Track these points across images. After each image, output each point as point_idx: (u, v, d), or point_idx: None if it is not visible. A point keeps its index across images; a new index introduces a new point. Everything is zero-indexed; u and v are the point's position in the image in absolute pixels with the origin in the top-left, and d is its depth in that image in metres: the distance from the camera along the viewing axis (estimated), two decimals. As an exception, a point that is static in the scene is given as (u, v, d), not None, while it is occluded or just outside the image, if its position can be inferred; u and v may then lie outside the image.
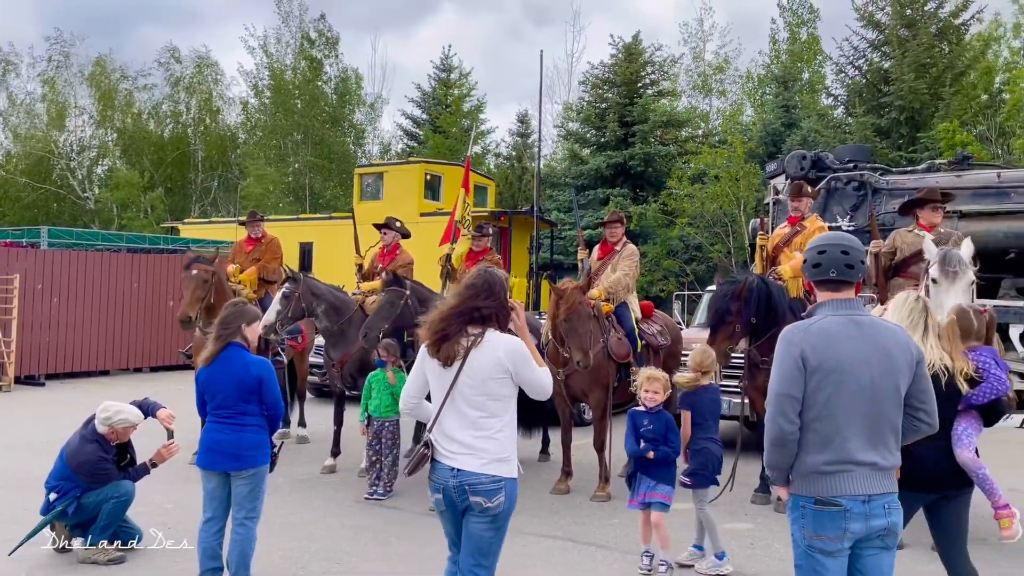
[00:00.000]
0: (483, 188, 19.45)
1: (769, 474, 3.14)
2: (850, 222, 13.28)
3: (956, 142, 18.89)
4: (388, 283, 7.26)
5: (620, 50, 25.43)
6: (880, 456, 2.95)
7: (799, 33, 32.53)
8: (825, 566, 2.94)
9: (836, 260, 3.08)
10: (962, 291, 5.18)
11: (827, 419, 2.93)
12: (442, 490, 3.43)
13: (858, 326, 3.01)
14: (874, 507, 2.92)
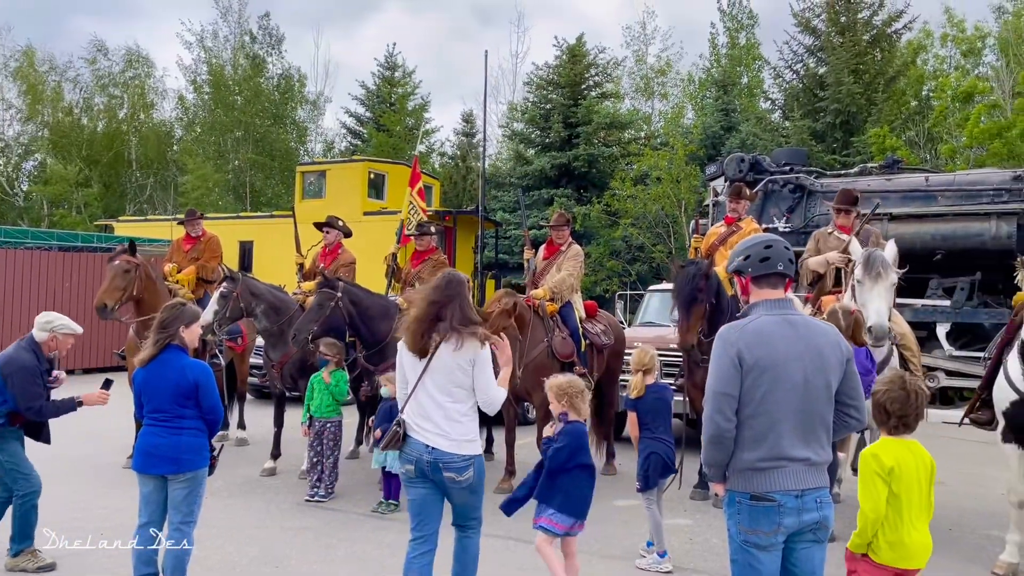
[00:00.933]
0: (428, 187, 19.29)
1: (706, 471, 3.21)
2: (786, 223, 13.60)
3: (887, 146, 19.55)
4: (321, 284, 7.15)
5: (564, 52, 25.61)
6: (813, 452, 3.03)
7: (738, 38, 33.21)
8: (759, 560, 3.01)
9: (782, 255, 3.18)
10: (884, 291, 5.33)
11: (762, 416, 3.00)
12: (415, 462, 3.94)
13: (791, 325, 3.09)
14: (807, 501, 3.00)
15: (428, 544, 4.02)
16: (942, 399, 12.13)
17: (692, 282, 6.40)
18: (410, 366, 4.07)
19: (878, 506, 3.23)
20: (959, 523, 6.50)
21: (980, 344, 11.99)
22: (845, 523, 6.09)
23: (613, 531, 6.07)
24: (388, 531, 6.05)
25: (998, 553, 5.40)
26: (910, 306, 11.92)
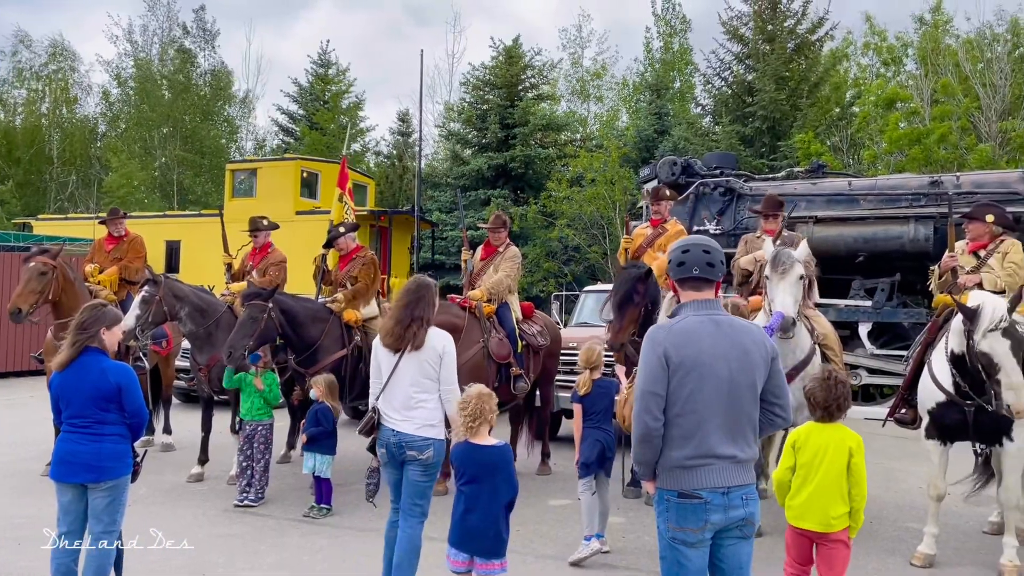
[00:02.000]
0: (362, 187, 19.15)
1: (637, 469, 3.24)
2: (717, 226, 13.90)
3: (812, 151, 20.13)
4: (248, 296, 6.89)
5: (501, 53, 25.65)
6: (739, 449, 3.09)
7: (672, 43, 33.78)
8: (687, 556, 3.06)
9: (699, 259, 3.21)
10: (790, 285, 5.52)
11: (689, 414, 3.05)
12: (385, 445, 4.52)
13: (717, 325, 3.15)
14: (733, 498, 3.06)
15: None
16: (864, 396, 12.57)
17: (630, 284, 6.48)
18: (384, 360, 4.59)
19: (782, 476, 4.11)
20: (879, 516, 6.72)
21: (899, 343, 12.47)
22: (773, 517, 6.27)
23: (547, 531, 6.10)
24: (319, 536, 5.96)
25: (915, 545, 5.60)
26: (834, 306, 12.31)
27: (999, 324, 4.80)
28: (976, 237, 6.06)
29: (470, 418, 4.02)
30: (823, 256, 9.19)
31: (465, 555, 3.98)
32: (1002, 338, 4.79)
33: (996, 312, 4.85)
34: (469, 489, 3.98)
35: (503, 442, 4.14)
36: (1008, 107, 22.28)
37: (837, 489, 3.93)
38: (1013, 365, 4.78)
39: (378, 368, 4.65)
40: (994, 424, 5.27)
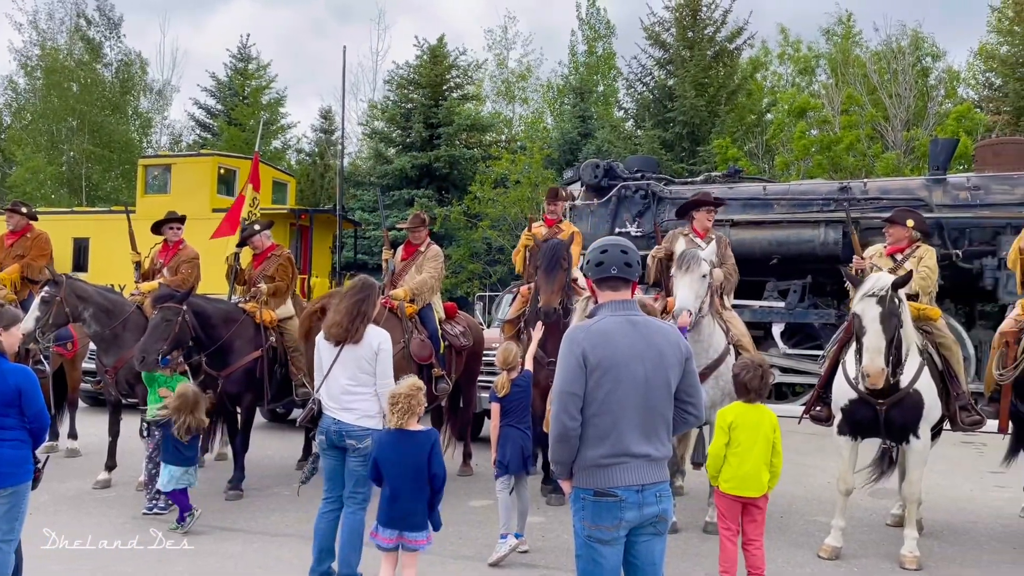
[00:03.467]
0: (283, 185, 18.75)
1: (554, 469, 3.26)
2: (638, 228, 14.16)
3: (729, 157, 20.69)
4: (161, 298, 6.64)
5: (425, 52, 25.51)
6: (653, 447, 3.14)
7: (596, 47, 34.19)
8: (602, 554, 3.09)
9: (617, 259, 3.25)
10: (693, 282, 5.68)
11: (606, 414, 3.08)
12: (325, 433, 4.81)
13: (633, 325, 3.19)
14: (647, 496, 3.10)
15: (336, 504, 4.84)
16: (777, 395, 13.01)
17: (556, 251, 6.61)
18: (326, 353, 4.90)
19: (718, 451, 4.78)
20: (789, 511, 6.93)
21: (810, 342, 12.94)
22: (689, 514, 6.41)
23: (467, 531, 6.07)
24: (233, 542, 5.79)
25: (824, 537, 5.79)
26: (749, 307, 12.70)
27: (876, 291, 5.09)
28: (896, 241, 6.32)
29: (401, 410, 4.35)
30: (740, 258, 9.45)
31: (393, 531, 4.31)
32: (875, 304, 5.08)
33: (878, 282, 5.15)
34: (397, 472, 4.32)
35: (429, 427, 4.60)
36: (912, 117, 23.36)
37: (764, 460, 4.73)
38: (877, 330, 5.05)
39: (320, 361, 4.95)
40: (902, 421, 5.50)
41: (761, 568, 4.74)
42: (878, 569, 5.45)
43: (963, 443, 9.96)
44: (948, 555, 5.78)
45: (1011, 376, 5.85)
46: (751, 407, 4.85)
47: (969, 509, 7.13)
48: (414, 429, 4.42)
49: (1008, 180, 12.23)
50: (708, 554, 5.28)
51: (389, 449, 4.38)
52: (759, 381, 4.87)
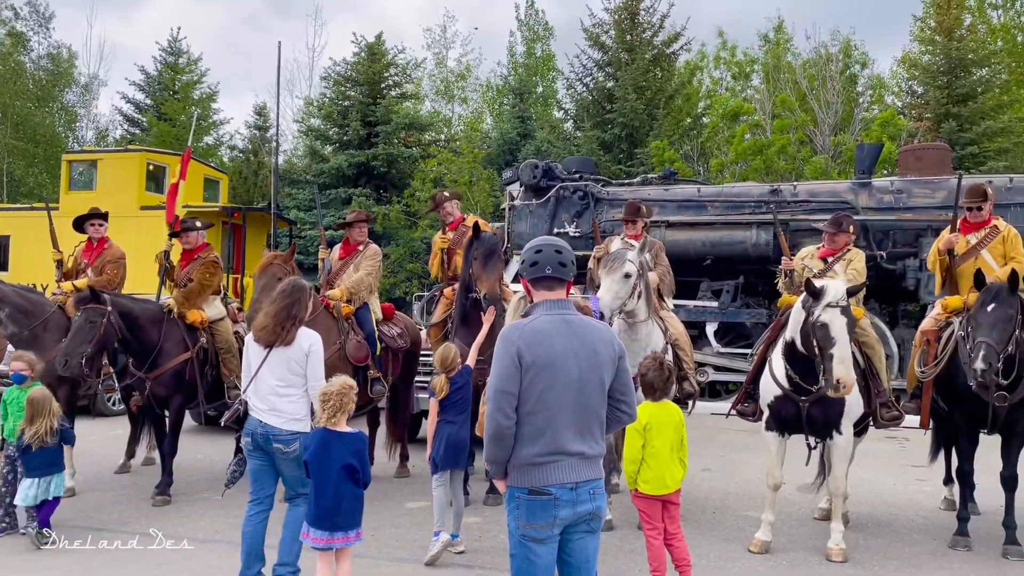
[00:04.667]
0: (215, 182, 18.29)
1: (489, 467, 3.26)
2: (576, 228, 14.27)
3: (665, 159, 21.02)
4: (84, 299, 6.40)
5: (363, 49, 25.21)
6: (587, 446, 3.16)
7: (535, 48, 34.34)
8: (536, 553, 3.10)
9: (552, 259, 3.26)
10: (615, 282, 5.75)
11: (540, 412, 3.09)
12: (251, 435, 4.75)
13: (568, 324, 3.20)
14: (581, 494, 3.12)
15: (263, 505, 4.82)
16: (711, 392, 13.26)
17: (495, 244, 6.67)
18: (254, 355, 4.89)
19: (634, 455, 4.78)
20: (721, 507, 7.07)
21: (743, 341, 13.23)
22: (623, 512, 6.48)
23: (403, 534, 6.03)
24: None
25: (754, 532, 5.92)
26: (684, 307, 12.90)
27: (839, 301, 5.21)
28: (836, 245, 6.50)
29: (332, 409, 4.35)
30: (675, 259, 9.59)
31: (322, 532, 4.31)
32: (840, 314, 5.19)
33: (839, 291, 5.27)
34: (324, 472, 4.30)
35: (358, 430, 4.51)
36: (840, 122, 24.11)
37: (676, 457, 4.84)
38: (846, 340, 5.18)
39: (248, 362, 4.96)
40: (824, 418, 5.66)
41: (687, 559, 4.84)
42: (806, 562, 5.59)
43: (887, 439, 10.31)
44: (872, 547, 5.97)
45: (932, 373, 6.07)
46: (660, 406, 4.91)
47: (892, 502, 7.37)
48: (343, 430, 4.40)
49: (929, 184, 12.70)
50: (643, 551, 5.34)
51: (318, 449, 4.35)
52: (664, 379, 4.95)
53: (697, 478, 7.86)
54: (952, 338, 5.99)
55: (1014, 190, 12.29)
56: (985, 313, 5.44)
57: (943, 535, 6.17)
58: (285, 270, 6.66)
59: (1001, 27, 27.61)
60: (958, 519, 6.07)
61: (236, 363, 7.42)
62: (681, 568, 4.82)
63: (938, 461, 7.30)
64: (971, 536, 5.96)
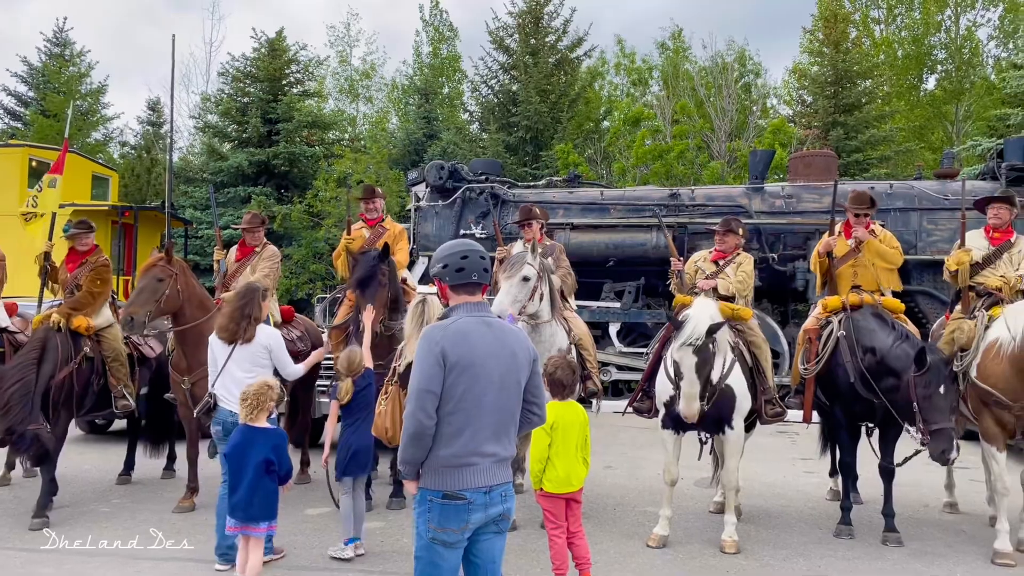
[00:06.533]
0: (104, 179, 17.47)
1: (402, 468, 3.21)
2: (482, 230, 14.31)
3: (569, 162, 21.33)
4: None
5: (263, 45, 24.55)
6: (502, 447, 3.19)
7: (440, 49, 34.25)
8: (444, 557, 3.10)
9: (477, 265, 3.31)
10: (513, 286, 5.81)
11: (460, 412, 3.10)
12: (222, 424, 5.36)
13: (489, 326, 3.24)
14: (493, 497, 3.15)
15: None
16: (614, 391, 13.53)
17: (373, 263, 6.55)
18: (219, 351, 5.52)
19: (541, 454, 4.81)
20: (622, 503, 7.21)
21: (644, 341, 13.56)
22: (527, 511, 6.52)
23: (304, 540, 5.89)
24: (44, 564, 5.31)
25: (653, 527, 6.07)
26: (587, 307, 13.12)
27: (693, 341, 5.37)
28: (727, 247, 6.71)
29: (250, 407, 4.72)
30: (578, 261, 9.74)
31: (235, 521, 4.64)
32: (692, 354, 5.38)
33: (696, 330, 5.37)
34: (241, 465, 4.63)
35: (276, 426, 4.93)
36: (735, 129, 25.02)
37: (580, 455, 4.92)
38: (693, 378, 5.43)
39: (214, 359, 5.57)
40: (717, 414, 5.85)
41: (588, 557, 4.92)
42: (701, 554, 5.77)
43: (779, 433, 10.75)
44: (764, 538, 6.21)
45: (814, 370, 6.37)
46: (566, 405, 4.96)
47: (783, 494, 7.69)
48: (262, 426, 4.76)
49: (817, 189, 13.34)
50: (546, 550, 5.38)
51: (237, 444, 4.71)
52: (571, 376, 5.04)
53: (599, 476, 8.00)
54: (832, 336, 6.31)
55: (894, 196, 13.06)
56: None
57: (829, 524, 6.48)
58: (167, 271, 6.41)
59: (883, 41, 29.27)
60: (841, 509, 6.39)
61: (124, 371, 7.11)
62: (581, 566, 4.89)
63: (826, 454, 7.66)
64: (854, 524, 6.28)
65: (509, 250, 6.99)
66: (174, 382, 6.79)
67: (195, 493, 6.78)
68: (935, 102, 28.57)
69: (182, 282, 6.52)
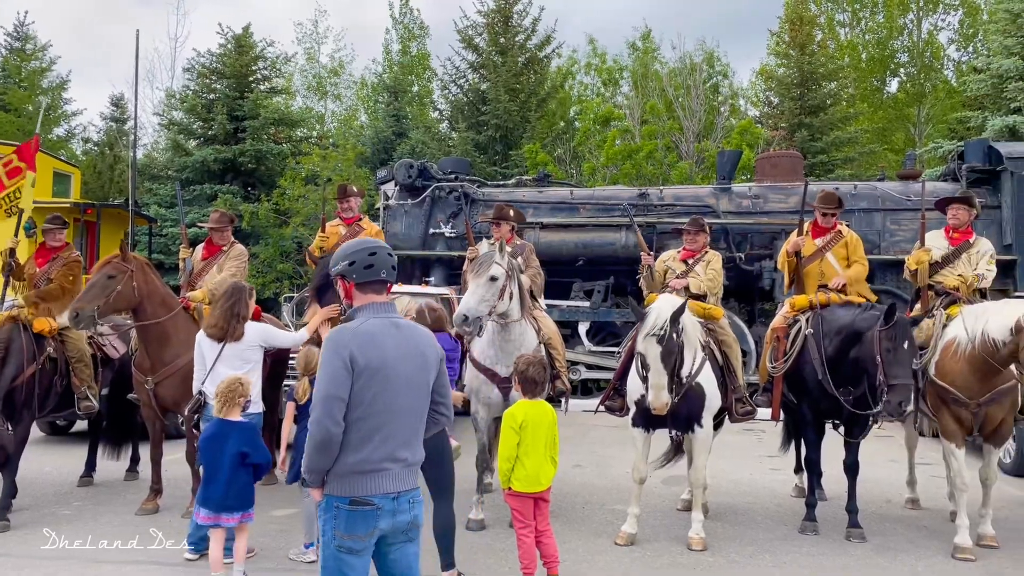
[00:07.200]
0: (66, 176, 17.14)
1: (307, 477, 3.10)
2: (452, 229, 14.28)
3: (539, 161, 21.35)
4: None
5: (230, 41, 24.23)
6: (411, 452, 3.13)
7: (410, 47, 34.08)
8: (351, 565, 3.01)
9: (386, 262, 3.23)
10: (480, 286, 5.76)
11: (371, 417, 3.02)
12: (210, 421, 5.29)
13: (397, 327, 3.17)
14: (401, 503, 3.08)
15: None
16: (583, 390, 13.57)
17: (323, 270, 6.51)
18: (208, 349, 5.69)
19: (510, 453, 4.81)
20: (590, 501, 7.24)
21: (613, 340, 13.62)
22: (495, 511, 6.52)
23: (270, 543, 5.82)
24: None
25: (621, 525, 6.10)
26: (557, 307, 13.15)
27: (655, 331, 5.43)
28: (696, 245, 6.76)
29: (222, 401, 4.93)
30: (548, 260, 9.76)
31: (211, 512, 4.82)
32: (656, 344, 5.43)
33: (658, 320, 5.46)
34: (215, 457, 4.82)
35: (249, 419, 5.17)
36: (703, 130, 25.24)
37: (549, 454, 4.93)
38: (659, 368, 5.43)
39: (202, 357, 5.72)
40: (687, 412, 5.90)
41: (555, 555, 4.94)
42: (668, 552, 5.81)
43: (746, 431, 10.85)
44: (730, 534, 6.27)
45: (782, 368, 6.45)
46: (535, 404, 4.96)
47: (749, 491, 7.77)
48: (235, 419, 4.98)
49: (784, 190, 13.51)
50: (514, 549, 5.39)
51: (212, 437, 4.92)
52: (543, 373, 5.07)
53: (568, 474, 8.02)
54: (800, 334, 6.39)
55: (858, 196, 13.26)
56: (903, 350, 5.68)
57: (794, 520, 6.56)
58: (120, 267, 6.31)
59: (848, 44, 29.71)
60: (807, 505, 6.47)
61: (88, 372, 6.99)
62: (549, 564, 4.90)
63: (792, 451, 7.76)
64: (818, 521, 6.37)
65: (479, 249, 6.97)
66: (137, 382, 6.68)
67: (159, 495, 6.69)
68: (897, 105, 29.07)
69: (139, 279, 6.39)
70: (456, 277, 12.11)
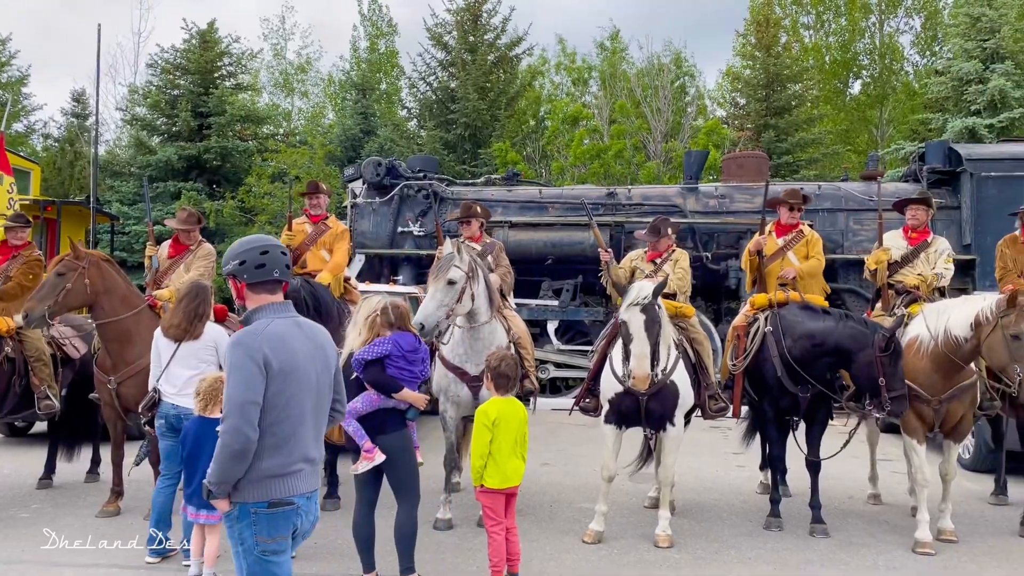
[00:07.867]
0: (25, 173, 16.74)
1: (214, 489, 2.95)
2: (420, 228, 14.22)
3: (508, 160, 21.37)
4: None
5: (194, 36, 23.89)
6: (319, 452, 3.13)
7: (378, 45, 33.87)
8: (279, 565, 3.00)
9: (279, 261, 3.16)
10: (439, 290, 5.69)
11: (286, 420, 2.97)
12: (164, 417, 5.49)
13: (299, 327, 3.13)
14: (312, 502, 3.10)
15: (173, 480, 5.47)
16: (551, 389, 13.61)
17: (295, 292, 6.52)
18: (164, 348, 5.59)
19: (483, 450, 4.80)
20: (558, 499, 7.26)
21: (582, 339, 13.67)
22: (463, 510, 6.50)
23: (236, 545, 5.77)
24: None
25: (589, 523, 6.12)
26: (526, 305, 13.16)
27: (640, 300, 5.50)
28: (661, 248, 6.80)
29: (203, 400, 5.01)
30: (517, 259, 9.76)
31: (194, 508, 4.92)
32: (640, 313, 5.48)
33: (641, 292, 5.55)
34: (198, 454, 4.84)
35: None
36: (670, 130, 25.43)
37: (519, 451, 4.94)
38: (643, 337, 5.47)
39: (158, 355, 5.62)
40: (661, 410, 5.93)
41: (518, 553, 4.97)
42: (635, 549, 5.85)
43: (712, 428, 10.95)
44: (696, 531, 6.33)
45: (742, 366, 6.53)
46: (507, 401, 4.95)
47: (714, 488, 7.85)
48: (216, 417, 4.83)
49: (749, 190, 13.65)
50: (482, 548, 5.39)
51: (194, 434, 4.97)
52: (515, 369, 5.06)
53: (536, 473, 8.02)
54: (759, 332, 6.47)
55: (822, 197, 13.45)
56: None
57: (759, 517, 6.64)
58: (71, 265, 6.20)
59: (812, 47, 30.12)
60: (771, 501, 6.55)
61: (48, 372, 6.86)
62: (511, 563, 4.91)
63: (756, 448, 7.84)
64: (783, 516, 6.45)
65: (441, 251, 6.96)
66: (99, 382, 6.56)
67: (120, 497, 6.58)
68: (860, 106, 29.55)
69: (93, 275, 6.27)
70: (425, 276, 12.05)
